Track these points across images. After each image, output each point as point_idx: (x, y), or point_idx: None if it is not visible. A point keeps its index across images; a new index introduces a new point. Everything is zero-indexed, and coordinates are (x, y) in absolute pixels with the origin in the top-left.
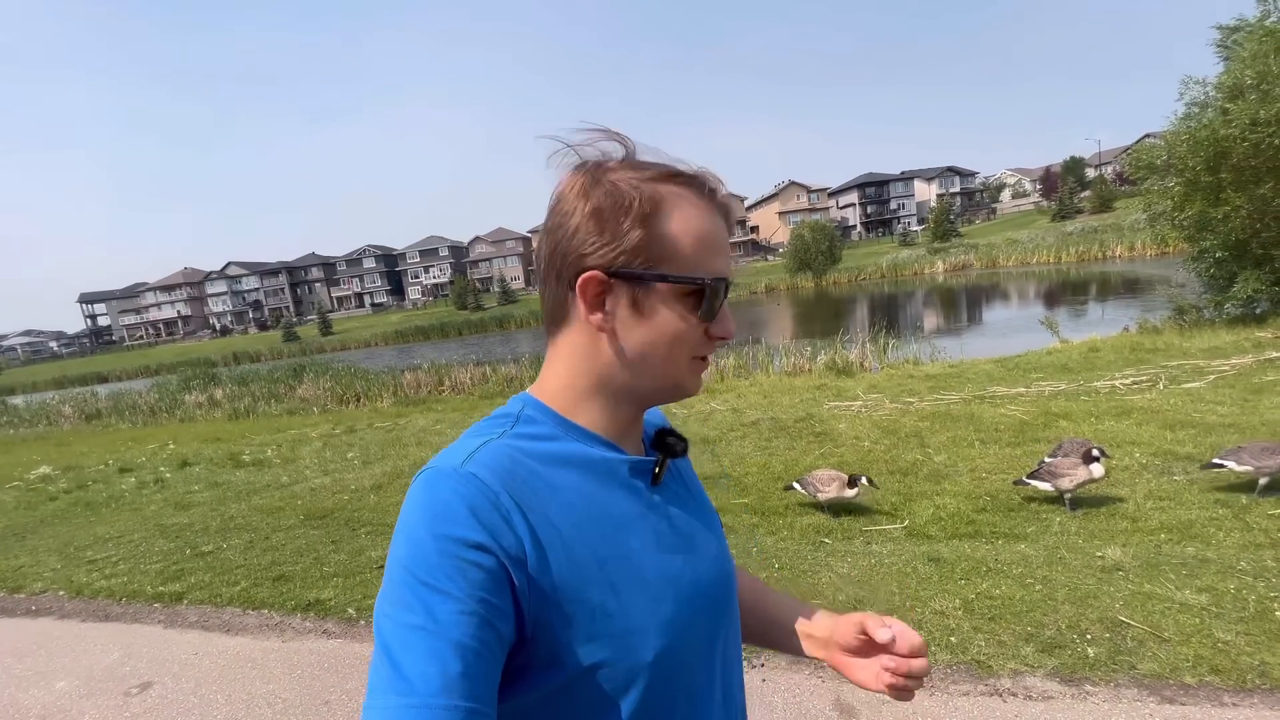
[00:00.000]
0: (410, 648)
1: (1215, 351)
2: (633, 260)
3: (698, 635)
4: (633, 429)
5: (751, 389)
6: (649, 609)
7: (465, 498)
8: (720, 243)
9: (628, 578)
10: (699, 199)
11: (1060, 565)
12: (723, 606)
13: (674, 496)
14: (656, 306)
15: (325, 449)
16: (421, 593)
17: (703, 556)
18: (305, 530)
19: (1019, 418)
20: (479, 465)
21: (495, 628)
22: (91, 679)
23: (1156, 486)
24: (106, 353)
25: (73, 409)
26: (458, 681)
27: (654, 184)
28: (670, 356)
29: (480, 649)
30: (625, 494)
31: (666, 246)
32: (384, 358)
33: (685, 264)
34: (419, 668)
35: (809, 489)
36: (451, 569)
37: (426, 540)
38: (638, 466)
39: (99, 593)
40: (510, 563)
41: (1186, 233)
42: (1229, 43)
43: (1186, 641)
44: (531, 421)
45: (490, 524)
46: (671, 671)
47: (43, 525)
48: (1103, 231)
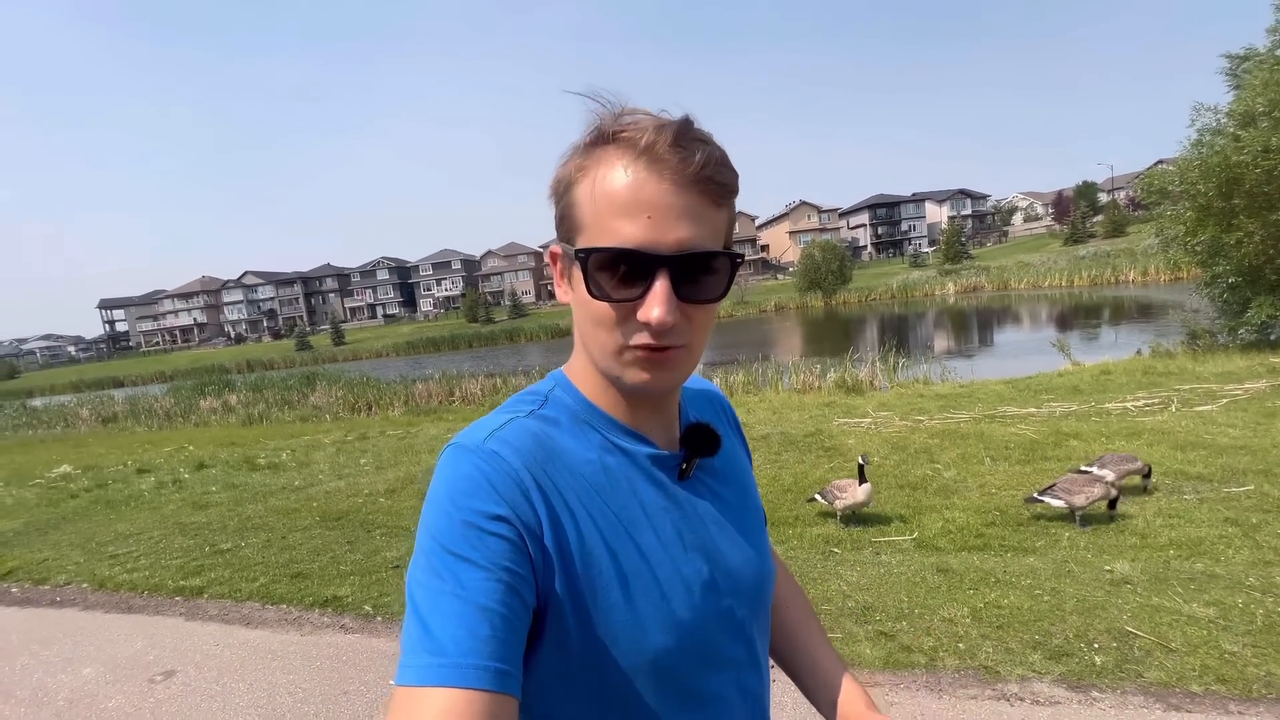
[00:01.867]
0: (440, 612)
1: (1228, 376)
2: (558, 232)
3: (711, 640)
4: (656, 416)
5: (761, 405)
6: (655, 606)
7: (486, 472)
8: (637, 203)
9: (637, 572)
10: (625, 155)
11: (1069, 578)
12: (747, 613)
13: (707, 493)
14: (576, 281)
15: (339, 454)
16: (449, 561)
17: (729, 560)
18: (321, 531)
19: (1029, 437)
20: (501, 442)
21: (520, 594)
22: (116, 666)
23: (1166, 505)
24: (123, 358)
25: (90, 412)
26: (486, 644)
27: (592, 148)
28: (595, 340)
29: (507, 614)
30: (647, 486)
31: (575, 216)
32: (395, 368)
33: (590, 234)
34: (450, 630)
35: (829, 498)
36: (475, 539)
37: (451, 512)
38: (661, 460)
39: (121, 585)
40: (528, 536)
41: (1199, 258)
42: (1238, 71)
43: (1193, 652)
44: (559, 404)
45: (510, 498)
46: (679, 673)
47: (64, 521)
48: (1115, 256)
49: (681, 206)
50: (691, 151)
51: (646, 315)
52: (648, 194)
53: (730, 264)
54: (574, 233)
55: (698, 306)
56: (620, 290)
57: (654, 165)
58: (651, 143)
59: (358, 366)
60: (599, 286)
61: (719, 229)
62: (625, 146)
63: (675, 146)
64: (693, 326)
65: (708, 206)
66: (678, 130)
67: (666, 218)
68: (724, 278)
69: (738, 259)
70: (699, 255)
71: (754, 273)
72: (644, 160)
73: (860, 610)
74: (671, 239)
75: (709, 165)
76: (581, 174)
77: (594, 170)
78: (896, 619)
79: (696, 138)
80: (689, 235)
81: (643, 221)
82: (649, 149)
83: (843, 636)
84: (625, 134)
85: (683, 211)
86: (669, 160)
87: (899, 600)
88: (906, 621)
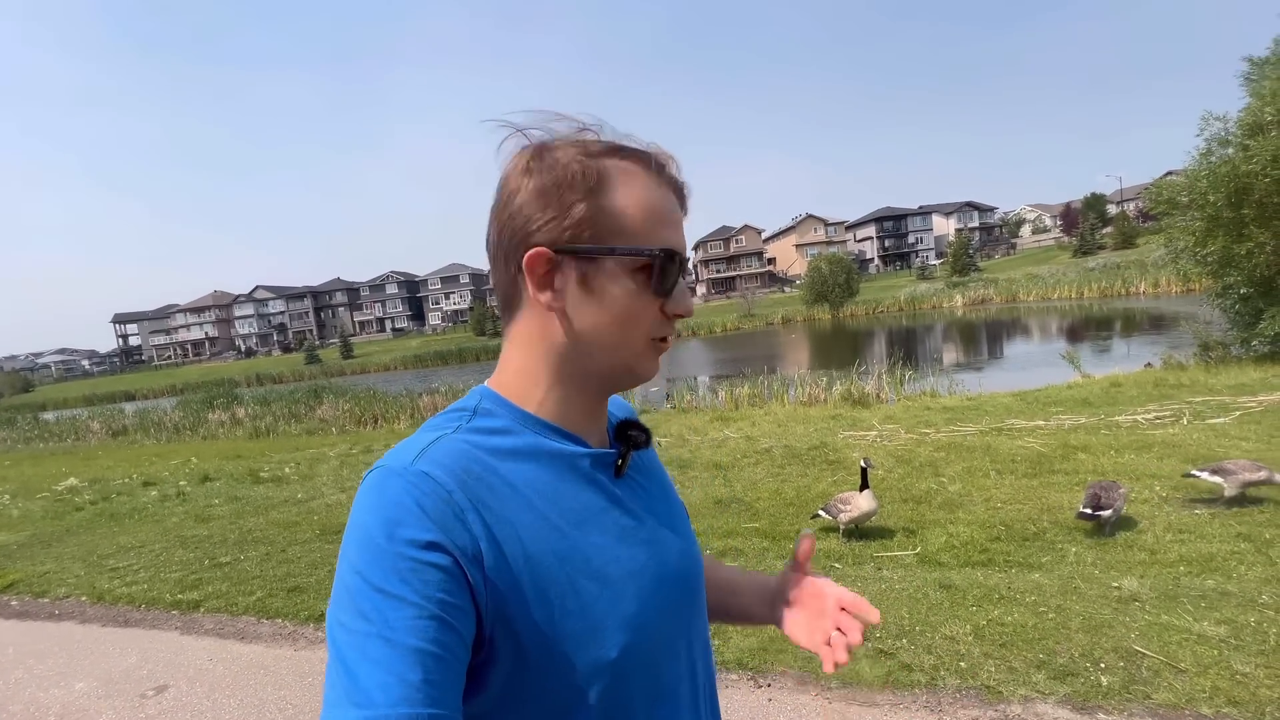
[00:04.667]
0: (367, 657)
1: (1242, 388)
2: (579, 235)
3: (664, 630)
4: (594, 418)
5: (766, 418)
6: (611, 605)
7: (416, 496)
8: (671, 216)
9: (588, 574)
10: (646, 173)
11: (1075, 595)
12: (689, 600)
13: (638, 489)
14: (606, 283)
15: (342, 468)
16: (375, 599)
17: (668, 550)
18: (320, 544)
19: (1037, 450)
20: (430, 462)
21: (455, 629)
22: (110, 681)
23: (1177, 520)
24: (135, 372)
25: (101, 425)
26: (419, 689)
27: (600, 159)
28: (624, 336)
29: (440, 653)
30: (586, 487)
31: (613, 219)
32: (403, 381)
33: (633, 237)
34: (377, 678)
35: (833, 512)
36: (406, 571)
37: (379, 543)
38: (599, 459)
39: (119, 599)
40: (466, 561)
41: (1210, 269)
42: (1255, 76)
43: (1204, 673)
44: (488, 415)
45: (443, 522)
46: (637, 667)
47: (68, 534)
48: (1125, 268)
49: (680, 219)
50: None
51: (687, 308)
52: (672, 207)
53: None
54: (606, 235)
55: None
56: (669, 288)
57: (669, 182)
58: (663, 163)
59: (366, 380)
60: (662, 285)
61: None
62: (640, 162)
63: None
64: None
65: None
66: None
67: (681, 227)
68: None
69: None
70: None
71: (761, 285)
72: (663, 177)
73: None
74: (682, 245)
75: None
76: (604, 182)
77: (621, 180)
78: (897, 636)
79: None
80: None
81: (678, 231)
82: (662, 168)
83: None
84: (633, 152)
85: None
86: (675, 182)
87: (900, 617)
88: (907, 639)
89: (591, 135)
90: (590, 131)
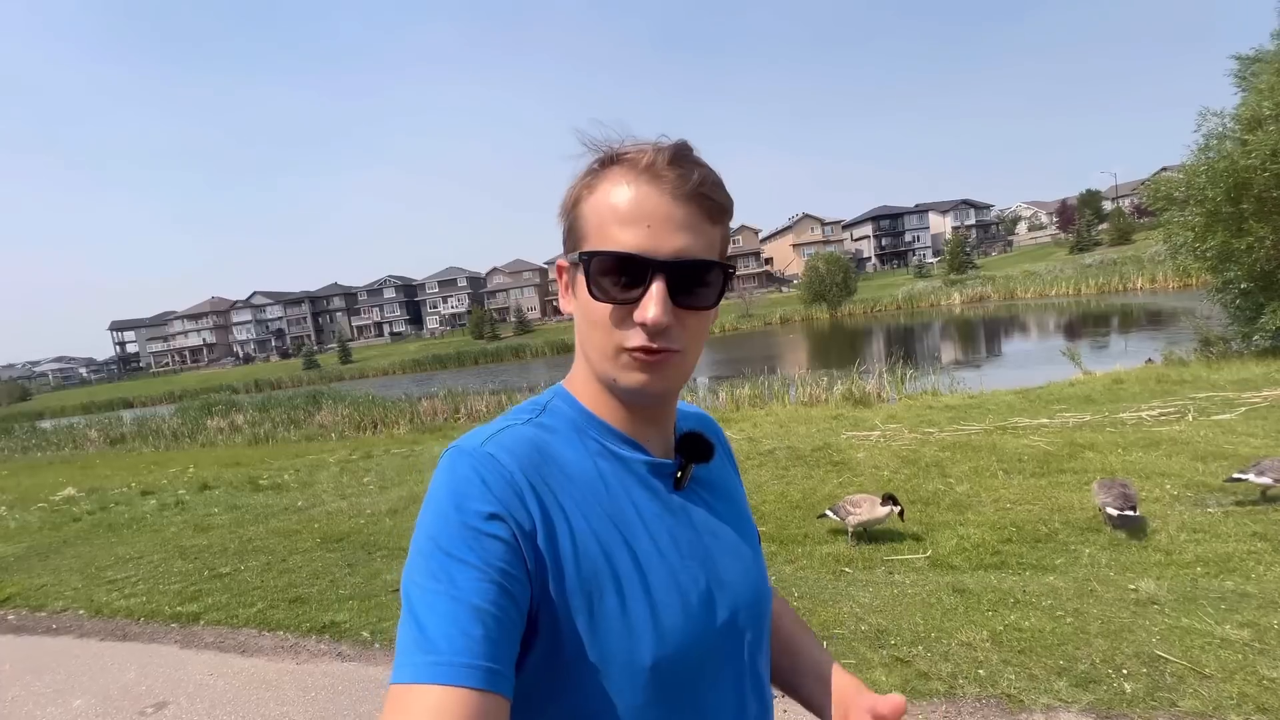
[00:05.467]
0: (435, 612)
1: (1245, 383)
2: (567, 247)
3: (708, 653)
4: (652, 426)
5: (767, 419)
6: (649, 612)
7: (481, 474)
8: (637, 213)
9: (631, 578)
10: (628, 173)
11: (1092, 598)
12: (745, 629)
13: (701, 504)
14: (578, 290)
15: (342, 474)
16: (444, 561)
17: (725, 570)
18: (321, 553)
19: (1043, 448)
20: (497, 446)
21: (513, 595)
22: (108, 698)
23: (1190, 519)
24: (133, 379)
25: (99, 433)
26: (479, 644)
27: (599, 170)
28: (594, 343)
29: (499, 614)
30: (643, 493)
31: (581, 228)
32: (402, 386)
33: (590, 242)
34: (443, 630)
35: (841, 514)
36: (471, 539)
37: (448, 513)
38: (657, 468)
39: (118, 612)
40: (522, 537)
41: (1209, 264)
42: (1247, 74)
43: (1230, 679)
44: (557, 413)
45: (505, 499)
46: (674, 686)
47: (65, 545)
48: (1122, 264)
49: (679, 218)
50: (689, 169)
51: (643, 315)
52: (648, 206)
53: (723, 275)
54: (579, 243)
55: (691, 313)
56: (620, 293)
57: (654, 180)
58: (651, 161)
59: (364, 385)
60: (600, 289)
61: (713, 243)
62: (628, 166)
63: (673, 164)
64: (687, 333)
65: (703, 221)
66: (675, 151)
67: (665, 227)
68: (717, 288)
69: (730, 270)
70: (694, 263)
71: (758, 286)
72: (645, 176)
73: (874, 634)
74: (669, 247)
75: (705, 184)
76: (588, 191)
77: (599, 187)
78: (912, 643)
79: (694, 160)
80: (685, 244)
81: (643, 230)
82: (650, 167)
83: (856, 662)
84: (629, 155)
85: (680, 223)
86: (668, 176)
87: (914, 623)
88: (923, 646)
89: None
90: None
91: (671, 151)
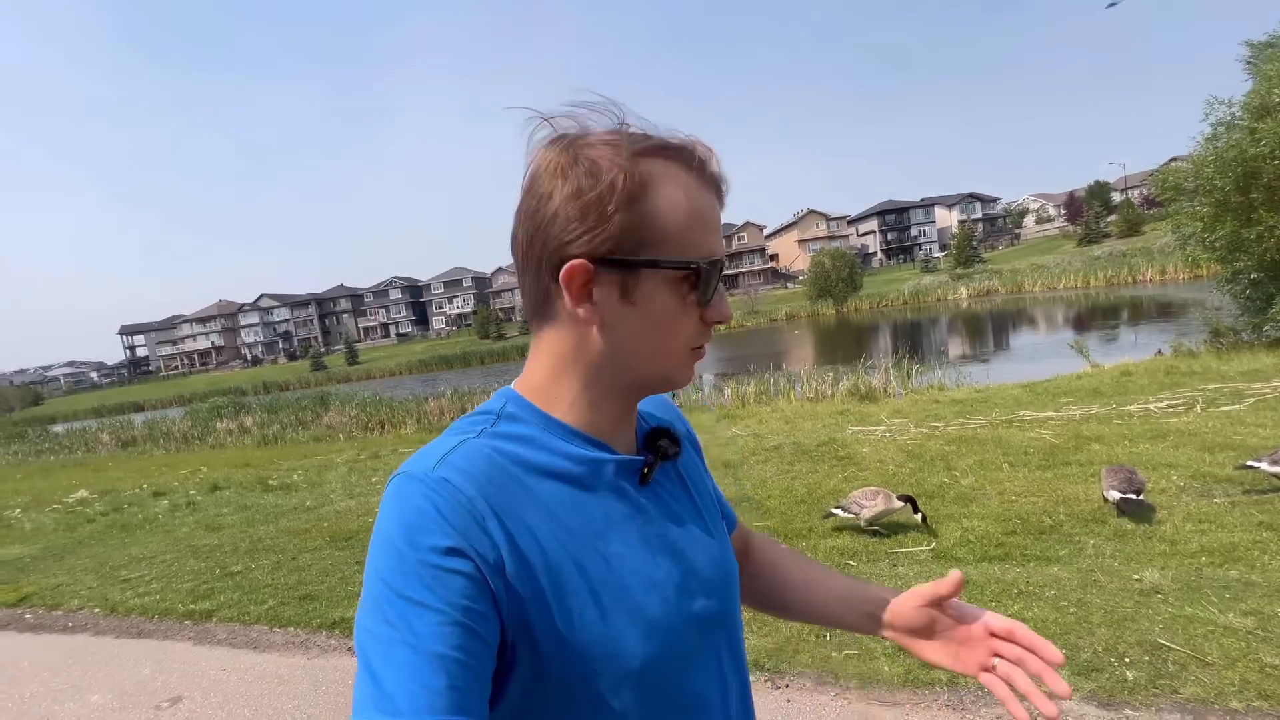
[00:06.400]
0: (391, 663)
1: (1255, 374)
2: (620, 246)
3: (690, 641)
4: (623, 425)
5: (773, 415)
6: (632, 615)
7: (436, 502)
8: (712, 220)
9: (608, 583)
10: (687, 174)
11: (1095, 588)
12: (719, 610)
13: (667, 497)
14: (648, 294)
15: (350, 474)
16: (400, 606)
17: (694, 559)
18: (331, 551)
19: (1049, 441)
20: (451, 469)
21: (479, 635)
22: (124, 693)
23: (1196, 509)
24: (143, 382)
25: (110, 436)
26: (442, 696)
27: (638, 159)
28: (665, 347)
29: (465, 659)
30: (610, 495)
31: (655, 229)
32: (408, 386)
33: (676, 246)
34: (402, 685)
35: (850, 510)
36: (429, 578)
37: (401, 550)
38: (624, 466)
39: (132, 610)
40: (487, 568)
41: (1219, 254)
42: (1259, 59)
43: (1232, 666)
44: (513, 419)
45: (464, 529)
46: (661, 679)
47: (80, 546)
48: (1131, 255)
49: (720, 221)
50: (721, 173)
51: (726, 315)
52: (715, 212)
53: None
54: (649, 246)
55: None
56: (710, 296)
57: (710, 184)
58: (704, 160)
59: (372, 385)
60: (706, 295)
61: None
62: (681, 161)
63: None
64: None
65: None
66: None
67: (720, 229)
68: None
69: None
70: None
71: (763, 282)
72: (704, 175)
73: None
74: (722, 250)
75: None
76: (645, 188)
77: (664, 183)
78: None
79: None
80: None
81: (718, 234)
82: (704, 166)
83: (859, 654)
84: (672, 149)
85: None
86: (716, 180)
87: None
88: None
89: (627, 128)
90: (626, 124)
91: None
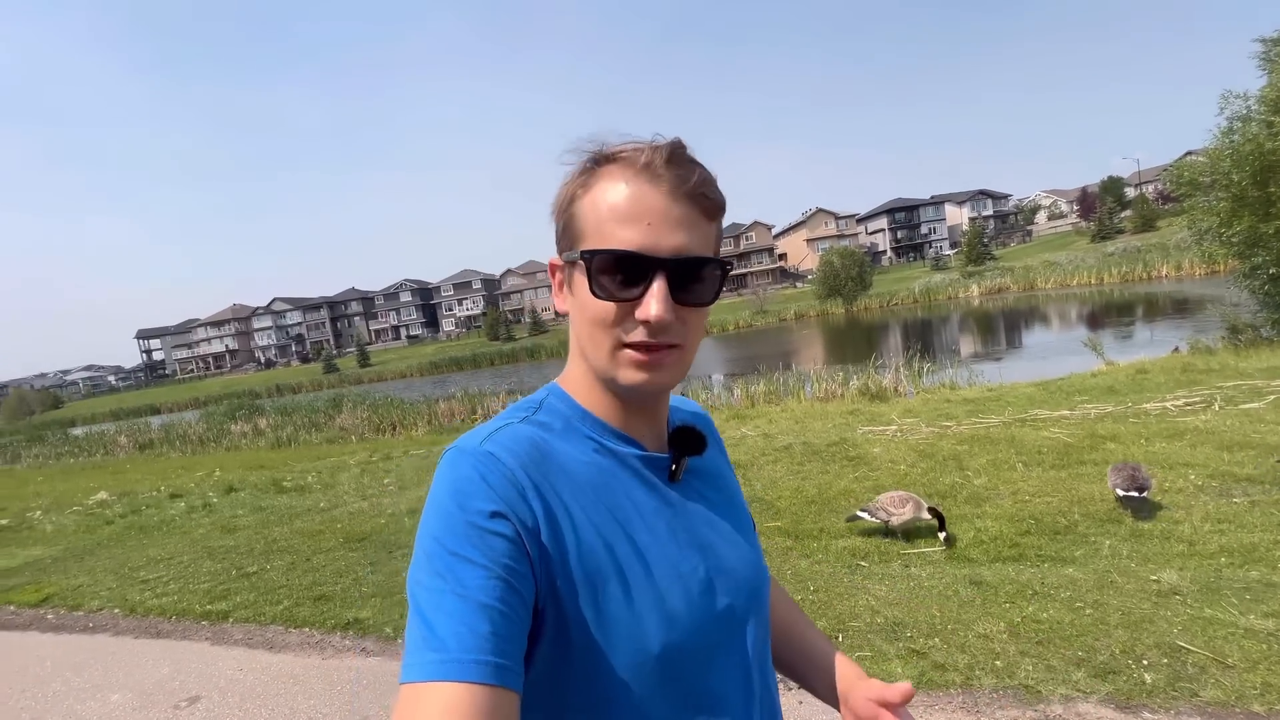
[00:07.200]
0: (442, 610)
1: (1274, 371)
2: (560, 245)
3: (713, 636)
4: (646, 420)
5: (783, 414)
6: (654, 602)
7: (484, 473)
8: (636, 212)
9: (634, 569)
10: (625, 172)
11: (1112, 589)
12: (746, 610)
13: (696, 495)
14: (575, 288)
15: (363, 475)
16: (450, 560)
17: (723, 559)
18: (344, 552)
19: (1063, 440)
20: (496, 445)
21: (518, 591)
22: (144, 692)
23: (1215, 509)
24: (159, 385)
25: (128, 439)
26: (487, 640)
27: (591, 170)
28: (592, 339)
29: (506, 611)
30: (639, 487)
31: (577, 226)
32: (419, 388)
33: (594, 240)
34: (451, 627)
35: (878, 515)
36: (475, 538)
37: (452, 512)
38: (651, 462)
39: (151, 611)
40: (525, 533)
41: (1236, 249)
42: (1272, 55)
43: (1253, 668)
44: (552, 410)
45: (507, 496)
46: (681, 669)
47: (100, 547)
48: (1146, 251)
49: (678, 216)
50: (688, 169)
51: (646, 313)
52: (647, 204)
53: (721, 272)
54: (576, 241)
55: (691, 309)
56: (621, 290)
57: (653, 179)
58: (650, 160)
59: (383, 387)
60: (602, 286)
61: (710, 240)
62: (625, 164)
63: (671, 163)
64: (686, 329)
65: (700, 218)
66: (672, 150)
67: (664, 225)
68: (715, 284)
69: (727, 266)
70: (694, 260)
71: (772, 282)
72: (644, 175)
73: (890, 626)
74: (668, 244)
75: (702, 183)
76: (584, 190)
77: (595, 185)
78: (928, 635)
79: (690, 159)
80: (684, 242)
81: (643, 228)
82: (648, 166)
83: (872, 655)
84: (624, 154)
85: (679, 220)
86: (666, 175)
87: (930, 615)
88: (939, 638)
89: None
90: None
91: (669, 150)
